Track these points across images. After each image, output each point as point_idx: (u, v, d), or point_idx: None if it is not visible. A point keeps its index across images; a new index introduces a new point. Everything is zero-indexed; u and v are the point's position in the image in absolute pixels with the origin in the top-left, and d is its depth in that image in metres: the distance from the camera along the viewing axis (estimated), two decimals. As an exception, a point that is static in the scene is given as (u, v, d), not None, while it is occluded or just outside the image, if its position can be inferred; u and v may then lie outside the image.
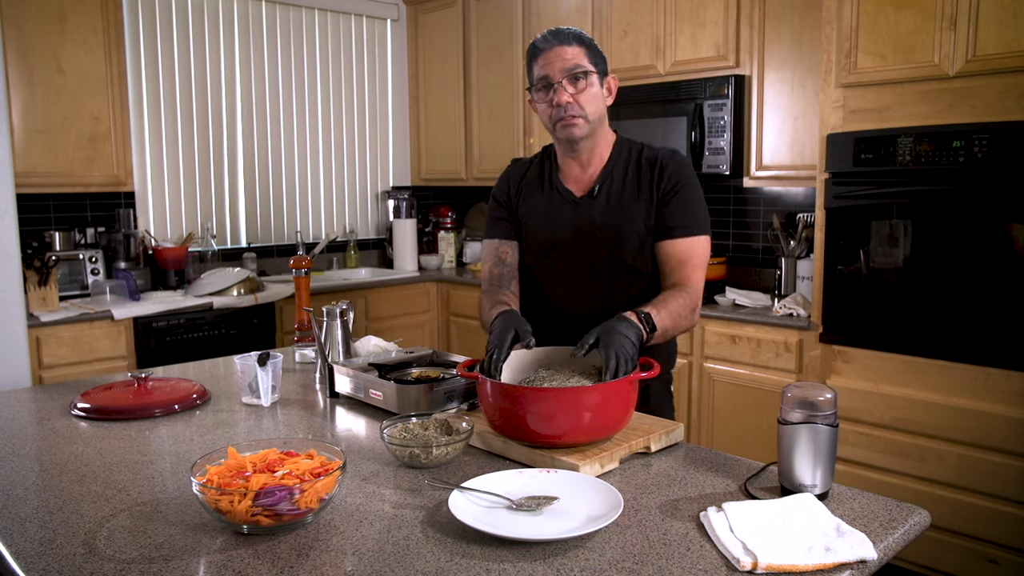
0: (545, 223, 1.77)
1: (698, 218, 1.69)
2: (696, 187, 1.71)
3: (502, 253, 1.82)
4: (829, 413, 1.21)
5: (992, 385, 2.44)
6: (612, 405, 1.36)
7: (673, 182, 1.68)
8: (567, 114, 1.65)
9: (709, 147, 3.31)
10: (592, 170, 1.75)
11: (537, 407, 1.33)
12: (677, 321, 1.59)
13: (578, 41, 1.65)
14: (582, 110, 1.65)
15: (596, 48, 1.69)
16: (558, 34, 1.66)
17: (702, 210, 1.71)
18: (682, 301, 1.61)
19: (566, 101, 1.64)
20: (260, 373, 1.76)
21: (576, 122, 1.66)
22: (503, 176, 1.88)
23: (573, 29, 1.67)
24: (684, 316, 1.61)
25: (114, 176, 3.47)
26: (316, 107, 4.53)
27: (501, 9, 4.24)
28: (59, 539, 1.12)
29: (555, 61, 1.64)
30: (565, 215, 1.75)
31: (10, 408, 1.81)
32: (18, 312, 2.90)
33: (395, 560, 1.04)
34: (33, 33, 3.21)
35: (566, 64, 1.63)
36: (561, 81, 1.64)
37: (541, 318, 1.75)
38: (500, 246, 1.82)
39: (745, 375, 3.08)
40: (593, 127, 1.69)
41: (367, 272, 4.56)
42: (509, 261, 1.81)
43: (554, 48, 1.64)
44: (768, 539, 1.05)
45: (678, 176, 1.69)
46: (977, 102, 2.41)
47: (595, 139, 1.73)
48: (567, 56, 1.63)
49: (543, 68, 1.66)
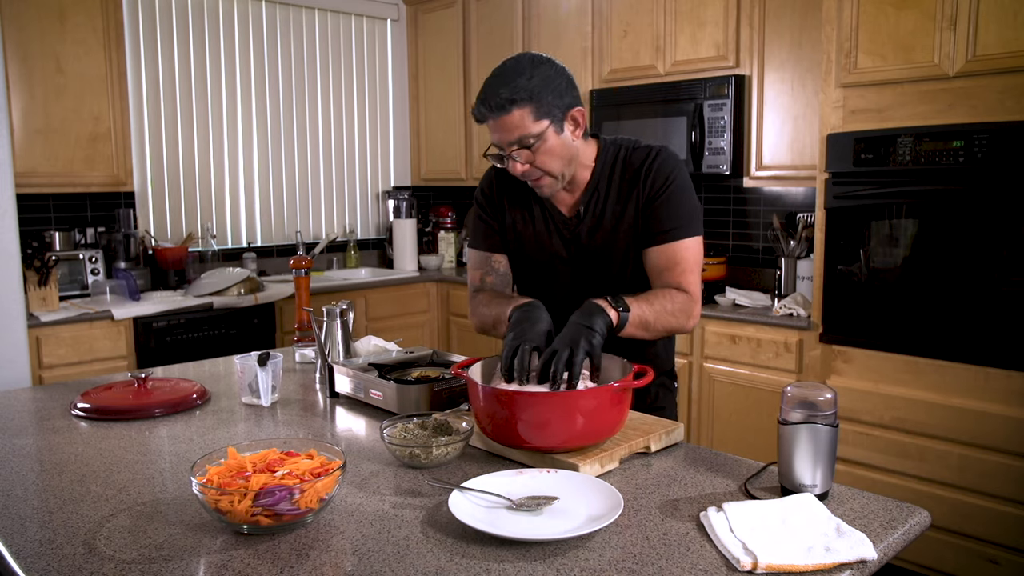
0: (535, 243, 1.70)
1: (683, 219, 1.57)
2: (681, 185, 1.59)
3: (495, 262, 1.75)
4: (829, 413, 1.21)
5: (992, 385, 2.44)
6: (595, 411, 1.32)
7: (656, 186, 1.58)
8: (529, 180, 1.57)
9: (709, 147, 3.31)
10: (577, 192, 1.65)
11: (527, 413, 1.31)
12: (662, 316, 1.51)
13: (515, 103, 1.46)
14: (543, 171, 1.54)
15: (542, 93, 1.47)
16: (488, 102, 1.47)
17: (689, 209, 1.59)
18: (670, 297, 1.54)
19: (521, 172, 1.54)
20: (260, 373, 1.76)
21: (541, 183, 1.57)
22: (486, 176, 1.77)
23: (506, 87, 1.46)
24: (672, 313, 1.52)
25: (114, 176, 3.47)
26: (316, 107, 4.53)
27: (501, 9, 4.24)
28: (59, 539, 1.12)
29: (498, 132, 1.50)
30: (554, 236, 1.68)
31: (10, 408, 1.81)
32: (18, 312, 2.90)
33: (395, 560, 1.04)
34: (33, 33, 3.21)
35: (511, 136, 1.49)
36: (511, 154, 1.52)
37: None
38: (491, 257, 1.75)
39: (745, 375, 3.08)
40: (564, 176, 1.58)
41: (367, 272, 4.56)
42: (503, 270, 1.75)
43: (492, 121, 1.49)
44: (768, 539, 1.05)
45: (661, 178, 1.58)
46: (977, 102, 2.41)
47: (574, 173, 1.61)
48: (508, 127, 1.48)
49: (492, 135, 1.53)
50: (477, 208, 1.78)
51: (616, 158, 1.64)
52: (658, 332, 1.55)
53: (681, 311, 1.54)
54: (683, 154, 3.37)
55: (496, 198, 1.74)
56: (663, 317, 1.52)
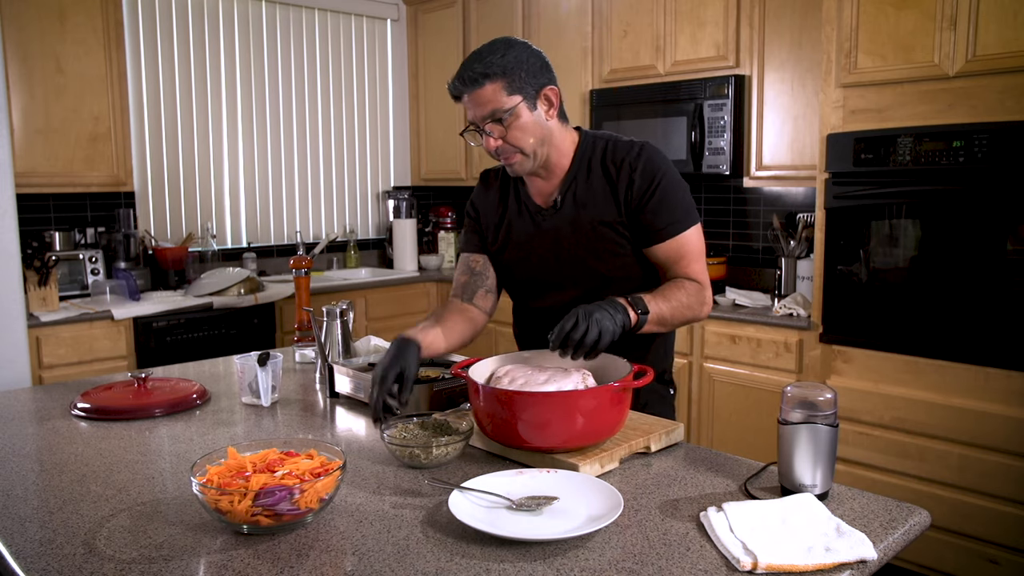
0: (516, 240, 1.73)
1: (679, 212, 1.60)
2: (671, 179, 1.61)
3: (472, 262, 1.79)
4: (829, 413, 1.21)
5: (992, 385, 2.44)
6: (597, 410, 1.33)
7: (646, 183, 1.59)
8: (502, 157, 1.60)
9: (709, 147, 3.31)
10: (555, 180, 1.67)
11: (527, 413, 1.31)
12: (678, 309, 1.55)
13: (488, 77, 1.51)
14: (515, 147, 1.58)
15: (515, 70, 1.53)
16: (464, 77, 1.53)
17: (682, 201, 1.61)
18: (683, 289, 1.58)
19: (495, 147, 1.58)
20: (260, 373, 1.76)
21: (513, 160, 1.60)
22: (475, 190, 1.84)
23: (480, 63, 1.52)
24: (687, 304, 1.57)
25: (114, 176, 3.47)
26: (316, 107, 4.53)
27: (501, 9, 4.24)
28: (59, 539, 1.12)
29: (472, 107, 1.55)
30: (532, 229, 1.70)
31: (10, 408, 1.81)
32: (18, 312, 2.90)
33: (395, 560, 1.04)
34: (33, 33, 3.21)
35: (483, 110, 1.54)
36: (484, 128, 1.56)
37: (533, 329, 1.77)
38: (470, 258, 1.80)
39: (745, 375, 3.08)
40: (537, 155, 1.60)
41: (367, 272, 4.55)
42: (478, 270, 1.79)
43: (466, 95, 1.54)
44: (768, 539, 1.05)
45: (649, 175, 1.59)
46: (977, 102, 2.41)
47: (548, 156, 1.63)
48: (482, 101, 1.53)
49: (467, 111, 1.58)
50: (466, 217, 1.86)
51: (595, 149, 1.65)
52: (675, 326, 1.61)
53: (695, 301, 1.60)
54: (683, 154, 3.37)
55: (480, 202, 1.81)
56: (679, 311, 1.57)
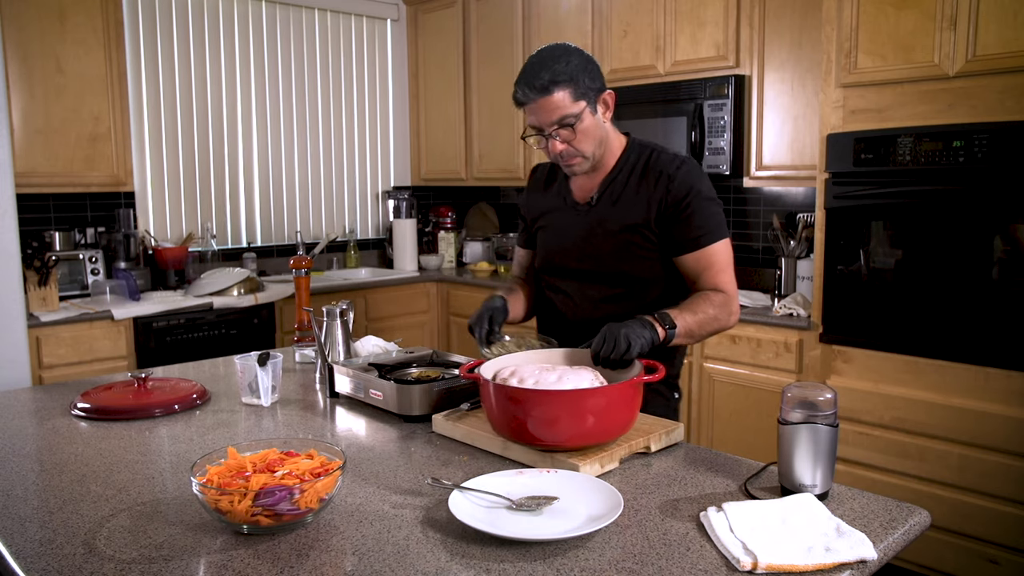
0: (551, 230, 1.81)
1: (711, 225, 1.65)
2: (706, 194, 1.66)
3: (518, 255, 1.98)
4: (829, 413, 1.21)
5: (992, 385, 2.44)
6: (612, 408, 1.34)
7: (681, 195, 1.64)
8: (564, 160, 1.66)
9: (709, 147, 3.31)
10: (597, 179, 1.74)
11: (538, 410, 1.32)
12: (705, 321, 1.60)
13: (556, 85, 1.56)
14: (579, 151, 1.64)
15: (579, 76, 1.58)
16: (533, 84, 1.57)
17: (714, 215, 1.66)
18: (710, 301, 1.62)
19: (560, 151, 1.64)
20: (260, 373, 1.76)
21: (574, 163, 1.67)
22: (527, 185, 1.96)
23: (548, 70, 1.56)
24: (714, 316, 1.61)
25: (114, 176, 3.47)
26: (316, 107, 4.53)
27: (501, 9, 4.24)
28: (59, 539, 1.12)
29: (539, 113, 1.60)
30: (567, 221, 1.77)
31: (10, 408, 1.81)
32: (18, 312, 2.90)
33: (395, 560, 1.04)
34: (33, 33, 3.21)
35: (552, 116, 1.59)
36: (550, 133, 1.61)
37: (555, 324, 1.81)
38: (518, 251, 1.99)
39: (745, 375, 3.08)
40: (595, 156, 1.68)
41: (367, 272, 4.55)
42: (522, 261, 1.97)
43: (535, 101, 1.59)
44: (768, 539, 1.05)
45: (685, 188, 1.64)
46: (977, 102, 2.41)
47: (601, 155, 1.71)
48: (550, 107, 1.58)
49: (530, 117, 1.63)
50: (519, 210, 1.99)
51: (640, 157, 1.72)
52: (703, 337, 1.66)
53: (722, 312, 1.63)
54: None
55: (528, 195, 1.92)
56: (707, 323, 1.61)
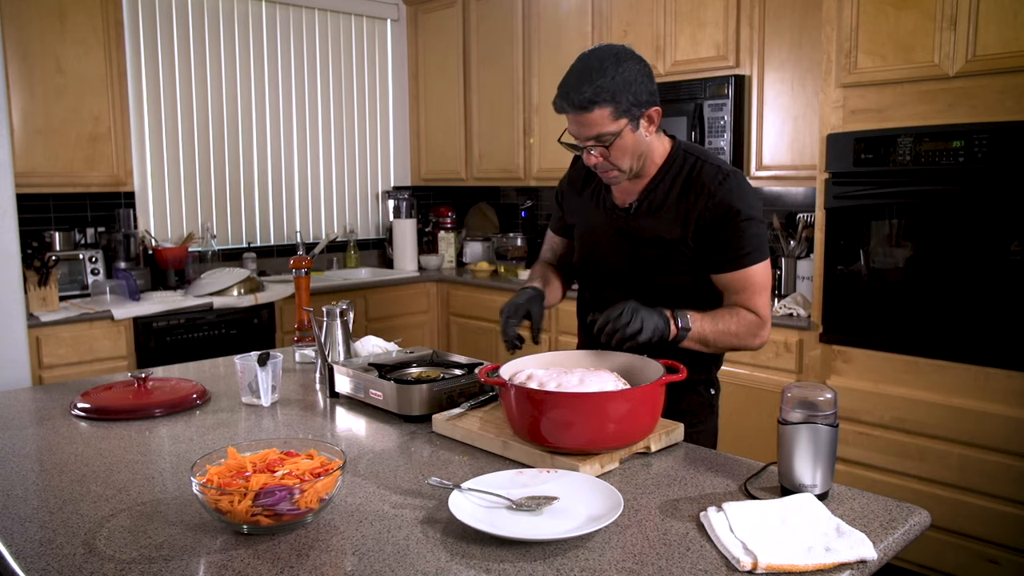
0: (586, 230, 1.79)
1: (751, 246, 1.58)
2: (747, 214, 1.58)
3: (551, 241, 1.96)
4: (829, 413, 1.21)
5: (992, 385, 2.44)
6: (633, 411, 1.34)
7: (722, 212, 1.58)
8: (599, 171, 1.63)
9: (709, 147, 3.31)
10: (639, 185, 1.68)
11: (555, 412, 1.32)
12: (723, 334, 1.57)
13: (596, 104, 1.49)
14: (614, 165, 1.60)
15: (623, 94, 1.50)
16: (571, 98, 1.51)
17: (755, 237, 1.59)
18: (737, 317, 1.58)
19: (594, 163, 1.60)
20: (260, 373, 1.76)
21: (610, 175, 1.63)
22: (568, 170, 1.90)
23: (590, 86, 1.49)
24: (735, 332, 1.58)
25: (114, 176, 3.47)
26: (316, 107, 4.53)
27: (501, 9, 4.24)
28: (59, 539, 1.12)
29: (576, 127, 1.56)
30: (603, 223, 1.74)
31: (10, 408, 1.81)
32: (18, 312, 2.90)
33: (395, 560, 1.04)
34: (33, 33, 3.21)
35: (589, 132, 1.54)
36: (587, 147, 1.57)
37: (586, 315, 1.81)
38: (551, 237, 1.97)
39: (745, 375, 3.08)
40: (632, 169, 1.62)
41: (367, 272, 4.55)
42: (556, 248, 1.95)
43: (573, 115, 1.54)
44: (768, 539, 1.05)
45: (725, 207, 1.57)
46: (977, 102, 2.41)
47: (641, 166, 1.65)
48: (587, 123, 1.53)
49: (570, 125, 1.58)
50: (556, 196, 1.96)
51: (684, 165, 1.65)
52: (718, 349, 1.63)
53: (747, 332, 1.60)
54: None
55: (568, 189, 1.88)
56: (725, 337, 1.58)
